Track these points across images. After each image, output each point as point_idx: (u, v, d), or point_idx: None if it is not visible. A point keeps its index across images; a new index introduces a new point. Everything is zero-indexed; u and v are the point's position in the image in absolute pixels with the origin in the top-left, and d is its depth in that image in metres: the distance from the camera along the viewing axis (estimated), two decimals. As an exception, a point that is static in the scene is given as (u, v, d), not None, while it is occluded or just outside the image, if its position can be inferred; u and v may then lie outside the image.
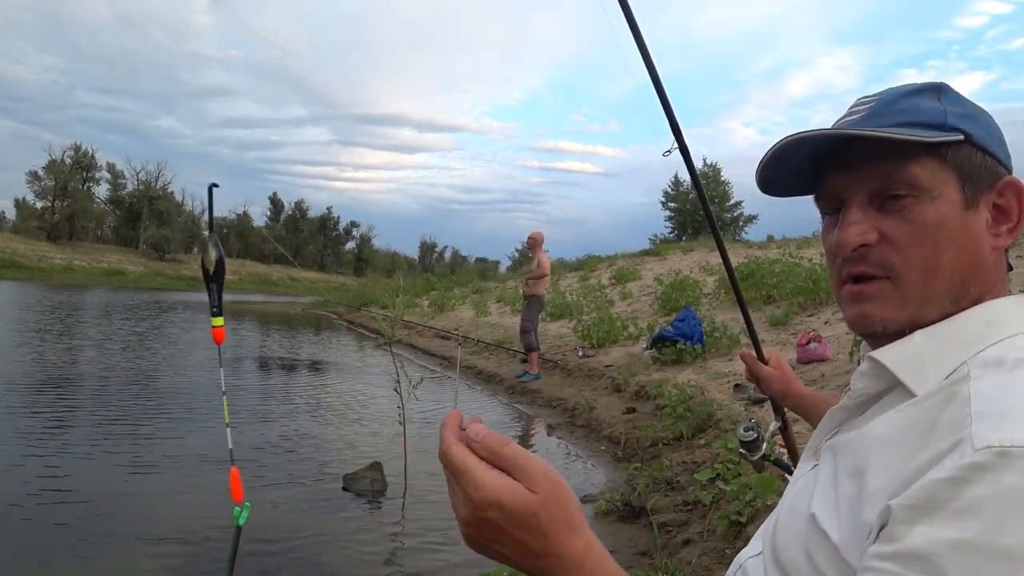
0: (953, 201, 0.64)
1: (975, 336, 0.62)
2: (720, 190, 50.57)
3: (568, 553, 0.53)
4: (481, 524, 0.53)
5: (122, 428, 6.19)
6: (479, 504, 0.52)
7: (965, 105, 0.68)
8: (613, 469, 5.54)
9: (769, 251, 16.53)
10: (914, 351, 0.63)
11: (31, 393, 7.58)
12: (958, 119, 0.65)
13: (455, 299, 22.85)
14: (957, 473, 0.49)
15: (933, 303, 0.64)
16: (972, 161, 0.65)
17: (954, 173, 0.64)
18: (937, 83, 0.69)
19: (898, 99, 0.68)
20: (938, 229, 0.64)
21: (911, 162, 0.64)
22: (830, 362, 6.32)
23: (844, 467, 0.61)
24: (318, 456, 5.67)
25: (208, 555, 3.56)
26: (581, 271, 23.12)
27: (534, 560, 0.53)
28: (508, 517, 0.52)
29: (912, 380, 0.61)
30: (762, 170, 0.74)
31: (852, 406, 0.68)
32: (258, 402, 7.98)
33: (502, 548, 0.54)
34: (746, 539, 3.30)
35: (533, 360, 9.47)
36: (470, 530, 0.54)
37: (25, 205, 71.74)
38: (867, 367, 0.66)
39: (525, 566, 0.54)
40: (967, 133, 0.65)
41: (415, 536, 4.05)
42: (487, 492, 0.52)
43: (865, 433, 0.62)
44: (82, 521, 3.93)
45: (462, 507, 0.53)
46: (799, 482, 0.70)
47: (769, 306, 10.00)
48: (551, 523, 0.53)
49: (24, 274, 48.05)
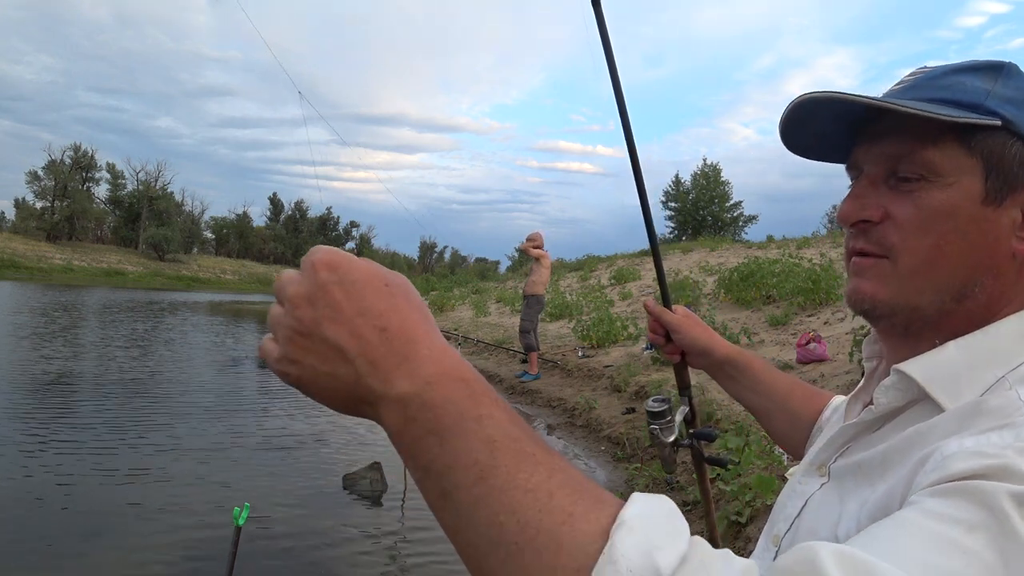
0: (971, 192, 0.58)
1: (1012, 350, 0.57)
2: (720, 190, 50.62)
3: (423, 336, 0.42)
4: (312, 298, 0.42)
5: (121, 428, 6.18)
6: (320, 268, 0.42)
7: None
8: (613, 469, 5.54)
9: (769, 251, 16.54)
10: (947, 364, 0.58)
11: (31, 393, 7.57)
12: (1002, 103, 0.58)
13: (455, 299, 22.84)
14: (1020, 443, 0.46)
15: (929, 294, 0.60)
16: (1007, 152, 0.58)
17: (979, 162, 0.58)
18: (1002, 62, 0.62)
19: (946, 74, 0.61)
20: (946, 218, 0.58)
21: (928, 144, 0.59)
22: (830, 362, 6.32)
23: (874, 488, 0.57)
24: (318, 456, 5.66)
25: (208, 555, 3.55)
26: (581, 271, 23.12)
27: (371, 347, 0.41)
28: (349, 278, 0.42)
29: (944, 395, 0.57)
30: (784, 131, 0.69)
31: (869, 421, 0.63)
32: (258, 402, 7.98)
33: (334, 331, 0.41)
34: (746, 539, 3.31)
35: (533, 360, 9.46)
36: (295, 314, 0.42)
37: (25, 205, 71.74)
38: (894, 380, 0.61)
39: (358, 362, 0.41)
40: (1008, 120, 0.57)
41: (415, 536, 4.04)
42: (331, 254, 0.43)
43: (890, 444, 0.58)
44: (82, 521, 3.93)
45: (293, 294, 0.42)
46: (815, 499, 0.65)
47: (769, 306, 10.00)
48: (405, 299, 0.43)
49: (24, 274, 48.03)
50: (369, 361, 0.41)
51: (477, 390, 0.41)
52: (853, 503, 0.59)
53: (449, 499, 0.39)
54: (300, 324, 0.42)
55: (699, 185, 50.77)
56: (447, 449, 0.39)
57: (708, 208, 50.12)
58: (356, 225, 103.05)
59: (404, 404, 0.40)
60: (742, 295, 10.82)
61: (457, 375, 0.41)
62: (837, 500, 0.62)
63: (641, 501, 0.40)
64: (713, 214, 50.05)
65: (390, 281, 0.43)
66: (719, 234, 42.61)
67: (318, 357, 0.42)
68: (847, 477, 0.62)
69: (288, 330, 0.42)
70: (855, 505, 0.58)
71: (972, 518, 0.42)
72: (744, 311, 10.35)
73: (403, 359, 0.41)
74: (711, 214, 50.07)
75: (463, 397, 0.40)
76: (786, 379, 1.06)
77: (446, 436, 0.39)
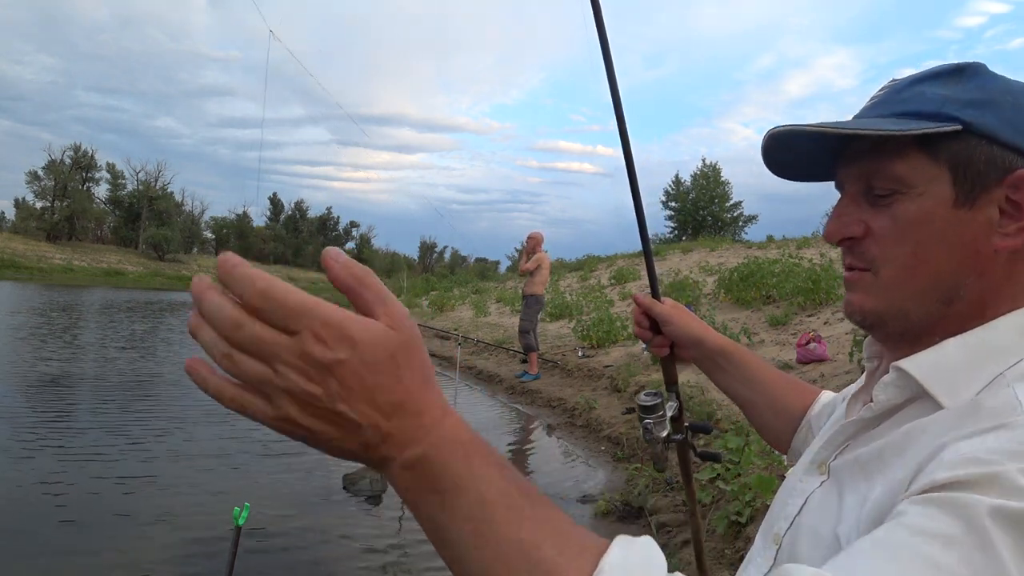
0: (941, 197, 0.60)
1: (1010, 347, 0.58)
2: (720, 190, 50.65)
3: (426, 406, 0.43)
4: (323, 374, 0.40)
5: (121, 428, 6.17)
6: (330, 341, 0.39)
7: (988, 89, 0.61)
8: (613, 469, 5.54)
9: (769, 251, 16.54)
10: (946, 361, 0.59)
11: (30, 394, 7.58)
12: (961, 107, 0.60)
13: (455, 299, 22.85)
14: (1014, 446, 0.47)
15: (914, 301, 0.62)
16: (973, 154, 0.59)
17: (945, 168, 0.60)
18: (964, 64, 0.63)
19: (910, 85, 0.64)
20: (920, 226, 0.60)
21: (895, 159, 0.61)
22: (830, 362, 6.33)
23: (872, 485, 0.58)
24: (318, 456, 5.63)
25: (208, 555, 3.55)
26: (581, 271, 23.13)
27: (384, 421, 0.42)
28: (362, 358, 0.40)
29: (943, 393, 0.58)
30: (766, 158, 0.72)
31: (868, 418, 0.64)
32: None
33: (348, 408, 0.41)
34: (746, 539, 3.31)
35: (533, 360, 9.47)
36: (302, 387, 0.40)
37: (25, 205, 71.74)
38: (892, 377, 0.62)
39: (370, 433, 0.42)
40: (967, 123, 0.59)
41: (415, 536, 4.04)
42: (340, 326, 0.40)
43: (889, 440, 0.59)
44: (81, 521, 3.93)
45: (290, 359, 0.40)
46: (815, 497, 0.67)
47: (769, 306, 10.01)
48: (409, 368, 0.42)
49: (24, 274, 48.01)
50: (381, 434, 0.43)
51: (472, 451, 0.44)
52: (852, 499, 0.60)
53: (448, 547, 0.44)
54: (311, 397, 0.40)
55: (699, 185, 50.81)
56: (446, 506, 0.43)
57: (708, 208, 50.16)
58: (356, 225, 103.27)
59: (410, 467, 0.43)
60: (742, 295, 10.83)
61: (455, 438, 0.44)
62: (837, 498, 0.62)
63: (620, 547, 0.42)
64: (713, 214, 50.09)
65: (396, 351, 0.42)
66: (719, 234, 42.63)
67: (328, 425, 0.42)
68: (846, 474, 0.63)
69: (292, 397, 0.41)
70: (854, 501, 0.59)
71: (950, 532, 0.43)
72: (744, 311, 10.35)
73: (412, 430, 0.43)
74: (711, 214, 50.11)
75: (460, 459, 0.43)
76: (775, 372, 1.07)
77: (445, 495, 0.43)
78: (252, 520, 2.52)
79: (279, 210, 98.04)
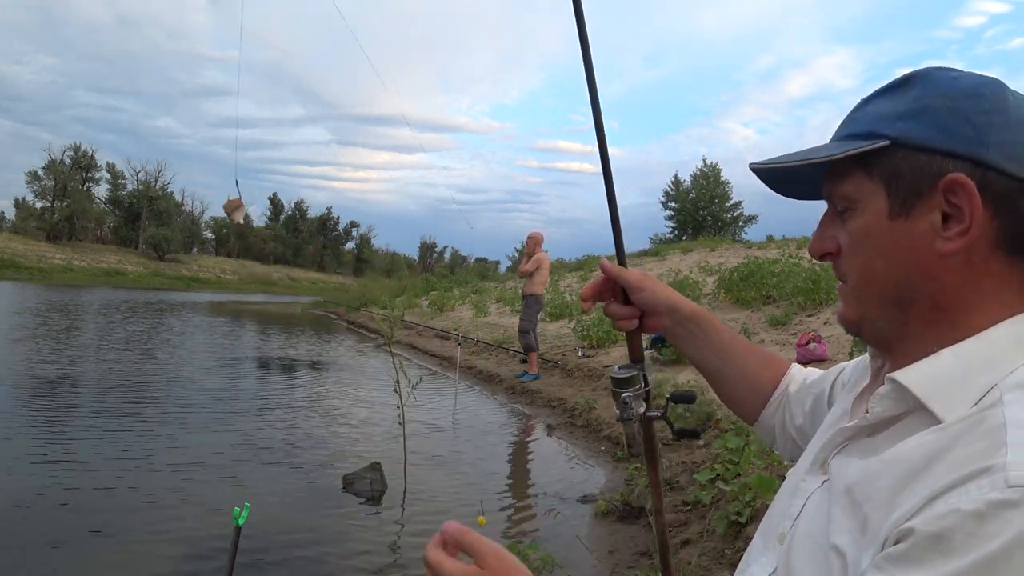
0: (878, 211, 0.63)
1: (1004, 357, 0.58)
2: (720, 190, 50.62)
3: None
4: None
5: (121, 429, 6.18)
6: None
7: (924, 98, 0.62)
8: (613, 469, 5.54)
9: (769, 251, 16.56)
10: (942, 373, 0.60)
11: (29, 394, 7.58)
12: (892, 121, 0.62)
13: (455, 299, 22.85)
14: (983, 508, 0.48)
15: (873, 306, 0.66)
16: (900, 166, 0.62)
17: (880, 182, 0.63)
18: (911, 75, 0.65)
19: (862, 105, 0.68)
20: (865, 239, 0.65)
21: (844, 179, 0.66)
22: (830, 362, 6.33)
23: (863, 495, 0.59)
24: (318, 456, 5.66)
25: (208, 555, 3.56)
26: (581, 271, 23.13)
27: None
28: None
29: (939, 406, 0.58)
30: (772, 188, 0.77)
31: (865, 426, 0.65)
32: (258, 402, 7.98)
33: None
34: (746, 539, 3.31)
35: (532, 360, 9.47)
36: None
37: (24, 205, 71.81)
38: (887, 389, 0.63)
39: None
40: (894, 137, 0.62)
41: (415, 536, 4.05)
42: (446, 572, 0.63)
43: (885, 460, 0.59)
44: (82, 521, 3.93)
45: None
46: (813, 499, 0.68)
47: (769, 306, 10.01)
48: None
49: (24, 274, 48.05)
50: None
51: None
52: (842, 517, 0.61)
53: None
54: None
55: (699, 185, 50.74)
56: None
57: (708, 208, 50.10)
58: (356, 225, 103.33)
59: None
60: (742, 295, 10.83)
61: None
62: (828, 507, 0.63)
63: None
64: (713, 214, 50.03)
65: None
66: (719, 234, 42.59)
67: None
68: (839, 496, 0.63)
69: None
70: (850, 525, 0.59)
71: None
72: (744, 311, 10.35)
73: None
74: (711, 214, 50.05)
75: None
76: (744, 341, 1.06)
77: None
78: (252, 520, 2.52)
79: (279, 210, 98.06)
